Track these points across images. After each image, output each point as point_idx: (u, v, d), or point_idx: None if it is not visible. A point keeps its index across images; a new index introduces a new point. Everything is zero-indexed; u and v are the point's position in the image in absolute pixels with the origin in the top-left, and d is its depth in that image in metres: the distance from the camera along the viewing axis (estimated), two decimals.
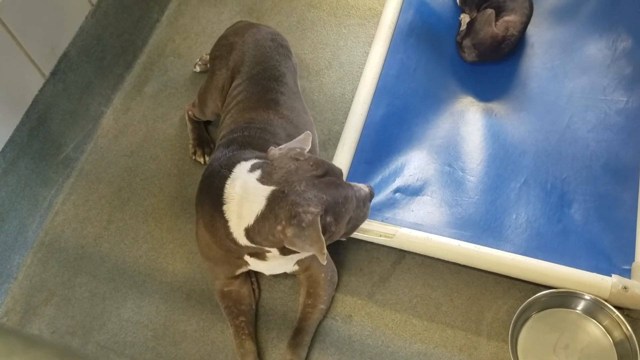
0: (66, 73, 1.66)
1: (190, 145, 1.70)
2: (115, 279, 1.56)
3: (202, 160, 1.67)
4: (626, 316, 1.29)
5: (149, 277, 1.55)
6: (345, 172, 1.54)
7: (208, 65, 1.73)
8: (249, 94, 1.45)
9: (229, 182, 1.18)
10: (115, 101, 1.85)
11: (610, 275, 1.32)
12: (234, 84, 1.50)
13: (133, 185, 1.70)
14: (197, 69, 1.85)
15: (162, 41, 1.95)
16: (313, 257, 1.35)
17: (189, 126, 1.71)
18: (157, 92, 1.85)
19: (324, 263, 1.07)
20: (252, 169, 1.17)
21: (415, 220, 1.47)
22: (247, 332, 1.39)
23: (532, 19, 1.68)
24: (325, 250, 1.06)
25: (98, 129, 1.80)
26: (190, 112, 1.70)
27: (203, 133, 1.71)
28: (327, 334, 1.42)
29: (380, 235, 1.44)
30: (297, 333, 1.37)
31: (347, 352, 1.40)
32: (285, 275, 1.48)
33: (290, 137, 1.39)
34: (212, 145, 1.70)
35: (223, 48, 1.58)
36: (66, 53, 1.65)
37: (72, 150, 1.73)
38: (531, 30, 1.71)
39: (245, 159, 1.23)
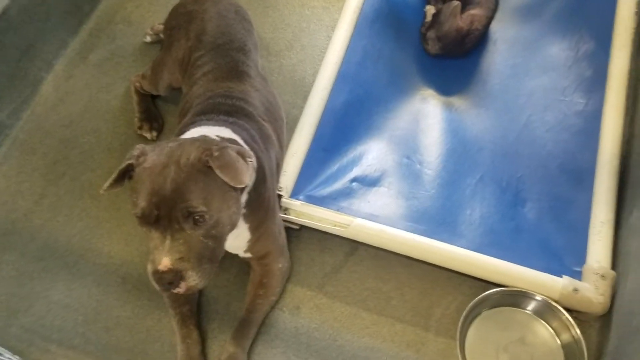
0: (4, 33, 1.58)
1: (136, 119, 1.61)
2: (45, 258, 1.47)
3: (148, 135, 1.59)
4: (575, 319, 1.29)
5: (82, 257, 1.47)
6: (301, 157, 1.50)
7: (161, 35, 1.66)
8: (217, 64, 1.39)
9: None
10: (56, 67, 1.76)
11: (561, 277, 1.32)
12: (196, 55, 1.43)
13: (70, 159, 1.61)
14: (148, 39, 1.77)
15: (112, 7, 1.85)
16: (270, 246, 1.31)
17: (135, 99, 1.63)
18: (103, 61, 1.76)
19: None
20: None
21: (371, 211, 1.44)
22: (194, 322, 1.32)
23: (497, 16, 1.68)
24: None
25: (36, 95, 1.71)
26: (137, 84, 1.61)
27: (151, 107, 1.63)
28: (273, 325, 1.37)
29: (335, 225, 1.39)
30: (244, 325, 1.31)
31: (292, 345, 1.35)
32: (231, 263, 1.42)
33: (268, 110, 1.38)
34: (161, 120, 1.63)
35: (181, 17, 1.50)
36: (5, 11, 1.56)
37: (7, 117, 1.64)
38: (495, 26, 1.70)
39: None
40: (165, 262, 0.99)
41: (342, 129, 1.56)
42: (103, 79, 1.73)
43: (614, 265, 1.33)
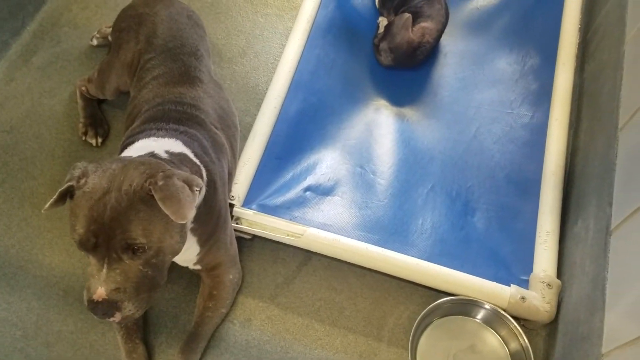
0: None
1: (81, 125, 1.55)
2: None
3: (93, 141, 1.54)
4: (522, 327, 1.32)
5: (22, 269, 1.40)
6: (254, 166, 1.48)
7: (109, 38, 1.61)
8: (168, 68, 1.35)
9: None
10: None
11: (509, 285, 1.35)
12: (146, 57, 1.39)
13: (10, 165, 1.53)
14: (95, 42, 1.71)
15: (58, 9, 1.78)
16: (221, 257, 1.28)
17: (81, 104, 1.57)
18: (46, 64, 1.69)
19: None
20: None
21: (324, 221, 1.43)
22: (139, 336, 1.28)
23: (447, 29, 1.70)
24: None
25: None
26: (83, 89, 1.55)
27: (96, 112, 1.57)
28: (223, 338, 1.33)
29: (288, 235, 1.37)
30: (192, 338, 1.27)
31: (242, 358, 1.32)
32: (180, 274, 1.38)
33: (220, 118, 1.34)
34: (107, 125, 1.57)
35: (131, 19, 1.45)
36: None
37: None
38: (446, 39, 1.73)
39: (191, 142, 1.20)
40: (100, 293, 0.96)
41: (296, 137, 1.55)
42: (46, 83, 1.65)
43: (559, 274, 1.37)
